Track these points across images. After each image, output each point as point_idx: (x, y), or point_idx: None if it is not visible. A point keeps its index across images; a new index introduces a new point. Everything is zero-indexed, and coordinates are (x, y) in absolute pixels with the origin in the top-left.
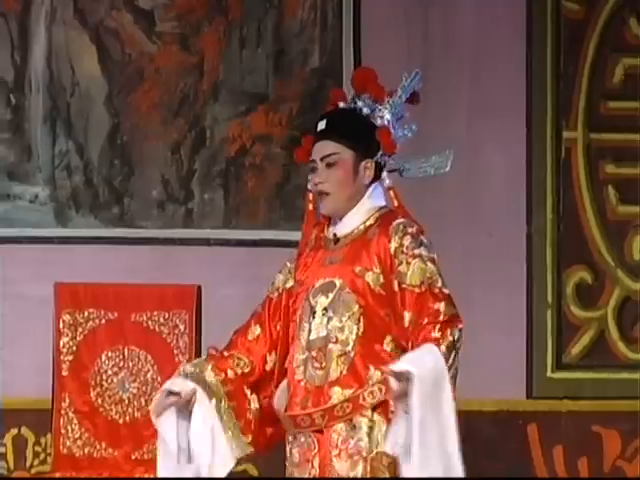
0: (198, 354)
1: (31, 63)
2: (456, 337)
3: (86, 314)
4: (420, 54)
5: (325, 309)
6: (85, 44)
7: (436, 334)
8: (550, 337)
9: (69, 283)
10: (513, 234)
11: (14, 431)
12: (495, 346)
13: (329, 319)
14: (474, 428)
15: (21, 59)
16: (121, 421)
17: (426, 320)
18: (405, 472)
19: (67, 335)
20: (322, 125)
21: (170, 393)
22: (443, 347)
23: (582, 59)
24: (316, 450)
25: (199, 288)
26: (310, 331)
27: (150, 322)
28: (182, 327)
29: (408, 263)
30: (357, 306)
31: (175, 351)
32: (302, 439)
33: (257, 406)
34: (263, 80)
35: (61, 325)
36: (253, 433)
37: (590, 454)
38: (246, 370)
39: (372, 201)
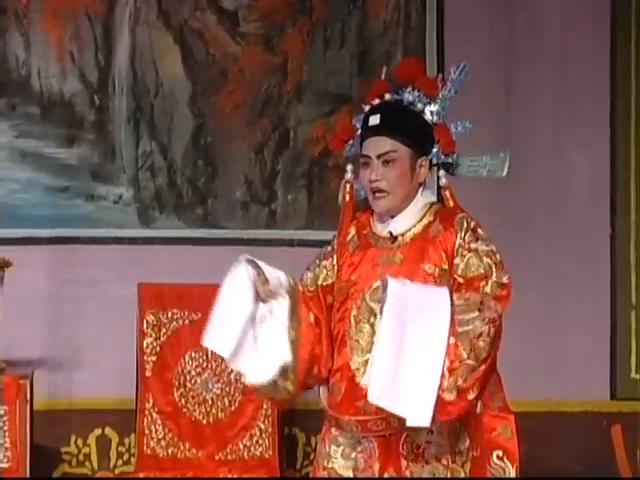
0: None
1: (115, 64)
2: (489, 304)
3: (170, 314)
4: (504, 55)
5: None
6: (169, 45)
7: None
8: (634, 338)
9: (153, 284)
10: (597, 236)
11: (98, 431)
12: (579, 347)
13: None
14: (558, 428)
15: (105, 60)
16: (204, 422)
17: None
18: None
19: (151, 335)
20: (376, 120)
21: (257, 267)
22: (457, 296)
23: None
24: (377, 455)
25: None
26: (373, 333)
27: None
28: None
29: (463, 256)
30: None
31: None
32: (366, 444)
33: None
34: (347, 81)
35: (145, 325)
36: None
37: None
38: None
39: (425, 198)
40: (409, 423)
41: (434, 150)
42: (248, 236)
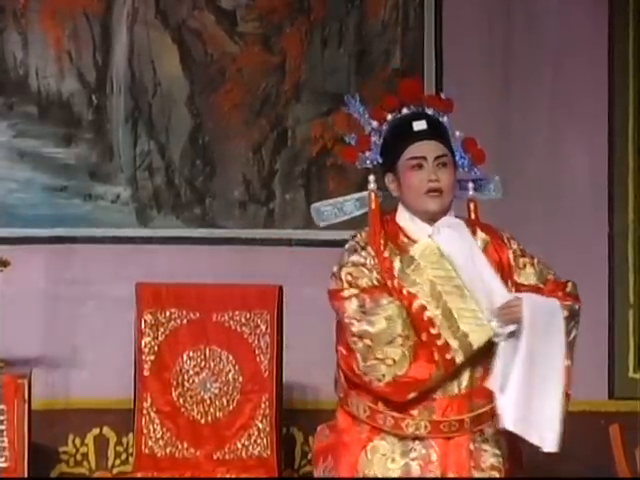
0: (279, 354)
1: (113, 63)
2: (576, 309)
3: (168, 314)
4: (502, 53)
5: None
6: (167, 44)
7: (560, 294)
8: (632, 337)
9: (151, 283)
10: (595, 235)
11: (96, 431)
12: (577, 346)
13: None
14: None
15: (103, 60)
16: (203, 421)
17: (553, 290)
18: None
19: (149, 335)
20: (423, 125)
21: None
22: (565, 308)
23: None
24: (438, 462)
25: (280, 288)
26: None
27: (232, 322)
28: (264, 327)
29: (530, 264)
30: None
31: (256, 351)
32: (423, 450)
33: None
34: (345, 80)
35: (143, 325)
36: None
37: None
38: None
39: (452, 209)
40: (545, 449)
41: (464, 161)
42: (246, 235)
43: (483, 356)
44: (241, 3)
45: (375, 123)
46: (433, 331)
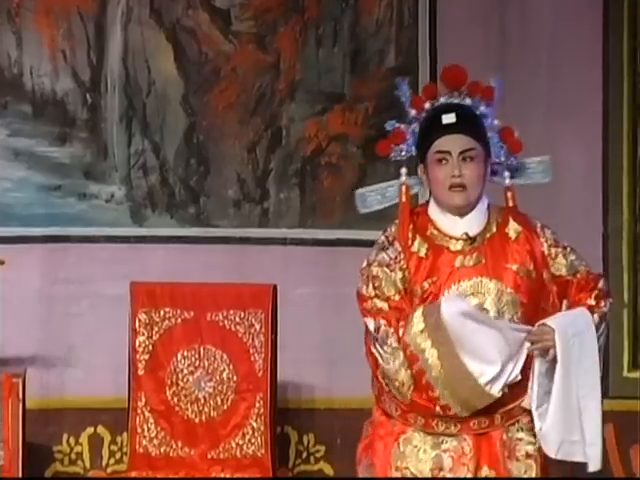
0: (274, 353)
1: (107, 63)
2: (607, 309)
3: (162, 313)
4: (496, 53)
5: (485, 310)
6: (161, 44)
7: (591, 301)
8: (626, 337)
9: (145, 282)
10: (589, 234)
11: (90, 430)
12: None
13: None
14: None
15: (97, 59)
16: (197, 420)
17: (583, 287)
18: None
19: (143, 334)
20: (452, 118)
21: None
22: (596, 316)
23: None
24: (472, 454)
25: (275, 287)
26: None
27: (226, 321)
28: (258, 326)
29: (563, 255)
30: (519, 305)
31: (251, 350)
32: (455, 443)
33: None
34: (339, 79)
35: (137, 324)
36: None
37: None
38: None
39: (485, 199)
40: (590, 468)
41: (502, 151)
42: (240, 235)
43: None
44: (235, 2)
45: (414, 111)
46: (432, 394)
